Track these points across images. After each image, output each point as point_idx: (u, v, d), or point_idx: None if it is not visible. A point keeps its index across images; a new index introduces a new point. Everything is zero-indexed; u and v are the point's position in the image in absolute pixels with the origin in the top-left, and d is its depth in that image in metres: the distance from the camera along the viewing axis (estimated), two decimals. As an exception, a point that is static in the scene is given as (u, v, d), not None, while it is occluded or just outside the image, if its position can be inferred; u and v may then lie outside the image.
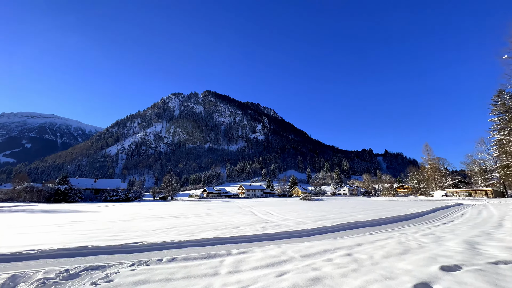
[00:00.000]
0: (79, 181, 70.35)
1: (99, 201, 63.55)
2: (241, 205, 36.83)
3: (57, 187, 58.22)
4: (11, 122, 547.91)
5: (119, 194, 65.34)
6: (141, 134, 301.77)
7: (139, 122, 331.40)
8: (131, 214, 22.38)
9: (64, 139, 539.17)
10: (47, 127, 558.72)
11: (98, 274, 5.15)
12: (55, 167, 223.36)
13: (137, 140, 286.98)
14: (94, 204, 48.93)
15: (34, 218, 19.06)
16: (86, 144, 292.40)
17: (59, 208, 33.40)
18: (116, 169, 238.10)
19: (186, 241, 8.95)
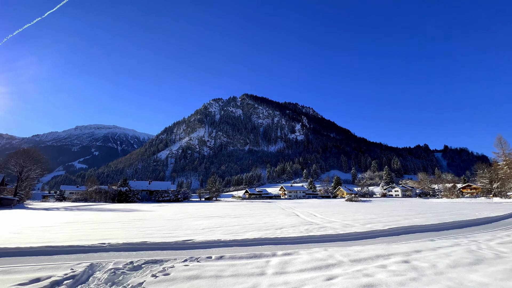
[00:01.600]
0: (136, 184, 79.01)
1: (153, 201, 70.31)
2: (283, 206, 36.63)
3: (119, 189, 66.35)
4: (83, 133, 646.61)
5: (169, 195, 71.25)
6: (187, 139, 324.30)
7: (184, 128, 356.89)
8: (181, 213, 24.17)
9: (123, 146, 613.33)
10: (110, 136, 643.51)
11: (157, 267, 5.69)
12: (117, 171, 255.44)
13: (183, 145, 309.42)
14: (149, 204, 54.29)
15: (103, 216, 22.03)
16: (140, 150, 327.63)
17: (121, 207, 37.99)
18: (166, 172, 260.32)
19: (232, 240, 9.28)
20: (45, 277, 4.86)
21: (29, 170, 50.42)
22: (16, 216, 22.18)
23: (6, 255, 7.27)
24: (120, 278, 5.01)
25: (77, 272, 5.18)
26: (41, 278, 4.81)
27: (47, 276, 4.95)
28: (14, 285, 4.46)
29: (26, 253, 7.45)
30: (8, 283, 4.54)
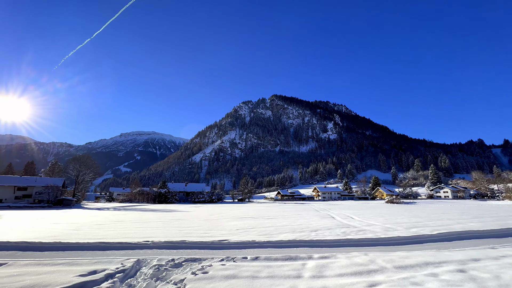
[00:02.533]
0: (174, 185, 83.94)
1: (189, 202, 73.89)
2: (317, 208, 35.61)
3: (159, 191, 71.13)
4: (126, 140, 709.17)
5: (204, 196, 74.22)
6: (219, 142, 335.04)
7: (216, 131, 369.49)
8: (215, 214, 24.98)
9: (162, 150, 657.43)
10: (149, 142, 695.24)
11: (196, 265, 5.96)
12: (156, 174, 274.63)
13: (215, 148, 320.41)
14: (186, 205, 57.18)
15: (146, 215, 23.80)
16: (177, 154, 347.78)
17: (161, 208, 40.65)
18: (201, 174, 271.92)
19: (266, 241, 9.30)
20: (100, 270, 5.41)
21: (84, 174, 56.85)
22: (75, 214, 25.18)
23: (68, 249, 8.28)
24: (164, 274, 5.35)
25: (126, 267, 5.67)
26: (97, 271, 5.37)
27: (102, 269, 5.51)
28: (76, 275, 5.05)
29: (84, 248, 8.39)
30: (71, 274, 5.15)
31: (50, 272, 5.30)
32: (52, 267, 5.75)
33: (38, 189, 46.83)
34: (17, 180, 48.75)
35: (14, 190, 46.45)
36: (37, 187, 47.11)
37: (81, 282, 4.69)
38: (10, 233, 11.29)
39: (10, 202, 44.36)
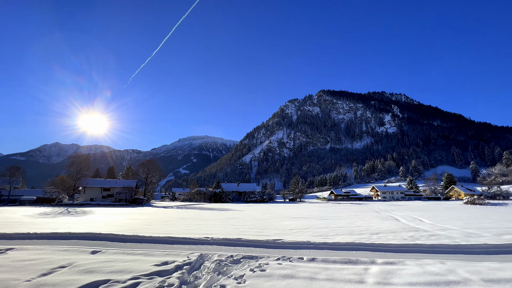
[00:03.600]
0: (227, 186, 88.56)
1: (242, 201, 76.82)
2: (376, 209, 32.73)
3: (214, 191, 76.04)
4: (184, 144, 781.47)
5: (256, 196, 76.14)
6: (267, 142, 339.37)
7: (264, 132, 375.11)
8: (268, 214, 25.36)
9: (214, 153, 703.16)
10: (203, 145, 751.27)
11: (253, 263, 6.17)
12: (211, 175, 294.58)
13: (264, 148, 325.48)
14: (238, 204, 59.62)
15: (204, 214, 25.72)
16: (228, 156, 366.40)
17: (217, 207, 43.33)
18: (251, 174, 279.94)
19: (322, 243, 8.99)
20: (170, 262, 6.10)
21: (151, 176, 64.82)
22: (146, 211, 28.95)
23: (144, 241, 9.57)
24: (224, 269, 5.70)
25: (192, 260, 6.25)
26: (168, 262, 6.06)
27: (172, 260, 6.20)
28: (152, 265, 5.81)
29: (156, 241, 9.58)
30: (148, 263, 5.95)
31: (132, 261, 6.22)
32: (133, 256, 6.74)
33: (118, 189, 55.43)
34: (103, 183, 58.65)
35: (101, 191, 56.03)
36: (117, 188, 55.80)
37: (156, 270, 5.37)
38: (101, 226, 13.67)
39: (99, 201, 53.61)
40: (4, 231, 11.39)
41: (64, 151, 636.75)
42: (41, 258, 6.47)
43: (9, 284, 4.60)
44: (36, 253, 7.09)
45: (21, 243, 9.09)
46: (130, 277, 4.91)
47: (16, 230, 11.62)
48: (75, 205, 45.72)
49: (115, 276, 4.96)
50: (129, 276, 4.99)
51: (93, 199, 54.70)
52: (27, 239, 10.00)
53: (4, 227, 13.30)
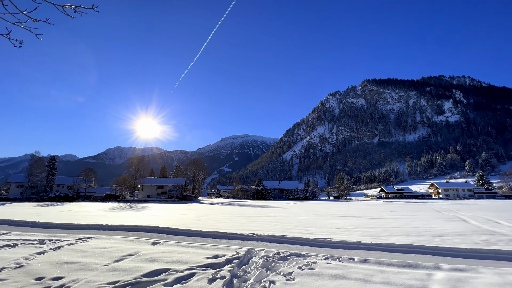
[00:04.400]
0: (268, 183, 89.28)
1: (284, 199, 76.59)
2: (437, 208, 29.19)
3: (257, 188, 77.46)
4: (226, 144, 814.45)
5: (298, 193, 75.07)
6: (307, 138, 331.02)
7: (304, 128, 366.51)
8: (312, 211, 24.78)
9: (255, 151, 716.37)
10: (244, 144, 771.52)
11: (301, 261, 6.11)
12: (252, 173, 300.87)
13: (305, 145, 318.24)
14: (281, 201, 59.59)
15: (248, 210, 26.40)
16: (268, 153, 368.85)
17: (260, 204, 44.02)
18: (293, 171, 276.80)
19: (374, 243, 8.42)
20: (221, 255, 6.44)
21: (198, 175, 69.21)
22: (195, 207, 31.06)
23: (195, 235, 10.29)
24: (272, 265, 5.77)
25: (240, 255, 6.49)
26: (219, 256, 6.41)
27: (222, 254, 6.54)
28: (204, 257, 6.22)
29: (206, 235, 10.21)
30: (201, 256, 6.38)
31: (187, 252, 6.75)
32: (187, 248, 7.31)
33: (169, 187, 60.67)
34: (157, 181, 64.84)
35: (156, 188, 62.06)
36: (169, 186, 61.11)
37: (209, 263, 5.74)
38: (158, 220, 15.17)
39: (154, 197, 59.50)
40: (85, 222, 13.57)
41: (124, 154, 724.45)
42: (113, 246, 7.49)
43: (92, 266, 5.45)
44: (109, 242, 8.25)
45: (97, 233, 10.70)
46: (186, 268, 5.34)
47: (93, 222, 13.71)
48: (135, 201, 51.63)
49: (174, 266, 5.46)
50: (185, 266, 5.44)
51: (149, 195, 60.97)
52: (101, 230, 11.71)
53: (84, 219, 15.83)
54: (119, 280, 4.64)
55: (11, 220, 14.58)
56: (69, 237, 9.07)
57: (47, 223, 13.59)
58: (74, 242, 8.20)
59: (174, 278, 4.77)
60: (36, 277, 4.81)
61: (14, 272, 5.10)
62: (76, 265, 5.57)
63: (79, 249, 7.20)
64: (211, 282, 4.60)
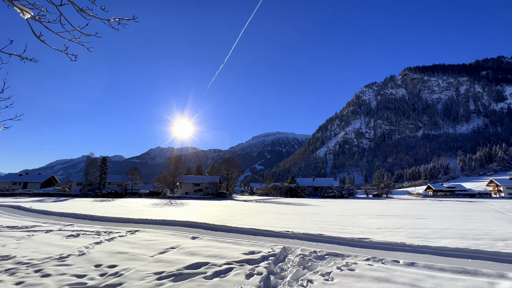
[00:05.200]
0: (302, 180, 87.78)
1: (318, 196, 74.62)
2: (499, 208, 25.71)
3: (290, 185, 76.77)
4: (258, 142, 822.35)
5: (333, 191, 72.49)
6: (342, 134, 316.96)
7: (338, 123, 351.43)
8: (349, 210, 23.73)
9: (287, 148, 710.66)
10: (275, 141, 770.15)
11: (339, 261, 5.89)
12: (284, 170, 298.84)
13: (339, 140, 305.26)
14: (315, 199, 58.17)
15: (281, 208, 26.31)
16: (301, 150, 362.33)
17: (293, 201, 43.55)
18: (327, 168, 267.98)
19: (422, 246, 7.73)
20: (257, 252, 6.53)
21: (231, 172, 71.11)
22: (229, 204, 31.98)
23: (231, 231, 10.59)
24: (309, 264, 5.67)
25: (276, 252, 6.50)
26: (255, 252, 6.50)
27: (258, 251, 6.63)
28: (240, 253, 6.37)
29: (241, 232, 10.44)
30: (237, 251, 6.55)
31: (224, 248, 6.99)
32: (224, 244, 7.57)
33: (205, 185, 63.42)
34: (193, 179, 68.24)
35: (193, 186, 65.40)
36: (204, 184, 63.90)
37: (245, 258, 5.86)
38: (195, 216, 15.97)
39: (192, 194, 62.76)
40: (133, 216, 14.92)
41: (164, 153, 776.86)
42: (158, 239, 8.10)
43: (140, 257, 5.97)
44: (154, 235, 8.94)
45: (143, 226, 11.67)
46: (224, 262, 5.53)
47: (140, 216, 15.00)
48: (175, 198, 55.09)
49: (212, 260, 5.69)
50: (223, 261, 5.63)
51: (187, 192, 64.51)
52: (146, 224, 12.75)
53: (132, 213, 17.41)
54: (164, 270, 4.99)
55: (74, 214, 16.69)
56: (120, 230, 10.06)
57: (101, 216, 15.26)
58: (124, 234, 9.06)
59: (213, 271, 4.97)
60: (95, 264, 5.42)
61: (78, 259, 5.82)
62: (127, 255, 6.15)
63: (129, 240, 7.93)
64: (249, 278, 4.69)
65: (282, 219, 15.21)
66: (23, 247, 7.00)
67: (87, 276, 4.74)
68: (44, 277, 4.68)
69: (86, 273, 4.90)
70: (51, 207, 21.58)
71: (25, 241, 7.91)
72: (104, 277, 4.68)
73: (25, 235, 8.91)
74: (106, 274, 4.85)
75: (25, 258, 5.87)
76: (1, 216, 15.67)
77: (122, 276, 4.71)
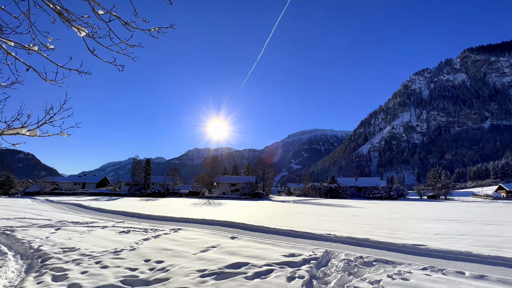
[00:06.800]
0: (343, 180, 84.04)
1: (362, 198, 70.57)
2: None
3: (330, 186, 74.13)
4: (294, 140, 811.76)
5: (380, 191, 67.81)
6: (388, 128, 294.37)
7: (383, 117, 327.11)
8: (399, 213, 22.02)
9: (325, 146, 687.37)
10: (313, 139, 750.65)
11: (390, 268, 5.51)
12: (323, 170, 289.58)
13: (385, 136, 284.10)
14: (359, 200, 55.14)
15: (322, 209, 25.56)
16: (341, 148, 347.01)
17: (334, 202, 41.95)
18: (371, 167, 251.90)
19: (493, 256, 6.79)
20: (297, 254, 6.47)
21: (267, 172, 71.53)
22: (266, 205, 32.21)
23: (269, 232, 10.67)
24: (355, 270, 5.42)
25: (318, 256, 6.36)
26: (295, 254, 6.45)
27: (298, 253, 6.56)
28: (280, 255, 6.39)
29: (280, 233, 10.44)
30: (277, 253, 6.58)
31: (263, 249, 7.08)
32: (263, 245, 7.67)
33: (242, 185, 64.92)
34: (230, 179, 70.40)
35: (229, 186, 67.51)
36: (241, 184, 65.45)
37: (286, 261, 5.86)
38: (233, 216, 16.47)
39: (229, 194, 64.83)
40: (175, 215, 16.07)
41: (201, 154, 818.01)
42: (199, 238, 8.58)
43: (184, 254, 6.40)
44: (195, 234, 9.49)
45: (185, 225, 12.48)
46: (264, 263, 5.61)
47: (181, 215, 16.06)
48: (213, 198, 57.52)
49: (252, 261, 5.82)
50: (263, 262, 5.71)
51: (224, 192, 66.84)
52: (188, 223, 13.60)
53: (174, 212, 18.74)
54: (206, 268, 5.27)
55: (124, 212, 18.62)
56: (164, 228, 10.92)
57: (148, 214, 16.74)
58: (169, 232, 9.80)
59: (253, 272, 5.08)
60: (145, 259, 5.98)
61: (130, 254, 6.49)
62: (171, 252, 6.65)
63: (173, 238, 8.55)
64: (290, 281, 4.67)
65: (323, 221, 14.79)
66: (85, 241, 8.06)
67: (138, 269, 5.26)
68: (103, 268, 5.34)
69: (137, 266, 5.43)
70: (105, 206, 24.40)
71: (86, 235, 9.09)
72: (153, 272, 5.14)
73: (86, 230, 10.24)
74: (155, 268, 5.31)
75: (87, 250, 6.75)
76: (67, 213, 18.26)
77: (169, 272, 5.11)
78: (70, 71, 3.85)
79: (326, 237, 9.48)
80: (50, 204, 28.60)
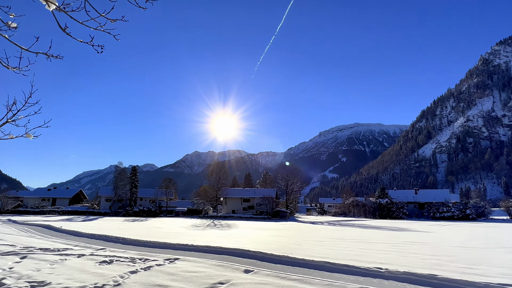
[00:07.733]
0: (397, 193, 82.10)
1: (425, 218, 68.52)
2: None
3: (379, 201, 72.69)
4: (327, 139, 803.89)
5: (450, 209, 65.58)
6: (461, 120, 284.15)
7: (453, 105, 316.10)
8: (479, 239, 21.31)
9: (371, 146, 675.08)
10: (353, 137, 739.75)
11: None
12: (370, 179, 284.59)
13: (456, 131, 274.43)
14: (420, 221, 53.58)
15: (368, 234, 25.15)
16: (393, 149, 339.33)
17: (386, 224, 41.11)
18: (437, 175, 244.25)
19: None
20: (335, 295, 6.41)
21: (292, 184, 71.43)
22: (291, 227, 32.13)
23: (296, 264, 10.66)
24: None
25: (363, 297, 6.26)
26: (332, 295, 6.39)
27: (336, 293, 6.50)
28: (312, 295, 6.35)
29: (310, 266, 10.39)
30: (307, 293, 6.55)
31: (288, 286, 7.08)
32: (288, 281, 7.68)
33: (257, 200, 65.27)
34: (242, 192, 71.01)
35: (241, 202, 68.09)
36: (256, 199, 65.81)
37: (319, 304, 5.82)
38: (247, 242, 16.60)
39: (240, 213, 65.38)
40: (170, 241, 16.46)
41: (203, 160, 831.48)
42: (202, 271, 8.73)
43: (182, 293, 6.54)
44: (197, 265, 9.67)
45: (183, 253, 12.75)
46: (289, 307, 5.61)
47: (178, 241, 16.42)
48: (219, 217, 58.19)
49: (273, 303, 5.83)
50: (288, 305, 5.71)
51: (234, 211, 67.45)
52: (187, 250, 13.88)
53: (169, 237, 19.18)
54: (212, 312, 5.35)
55: (105, 236, 19.30)
56: (157, 257, 11.21)
57: (135, 240, 17.24)
58: (162, 263, 10.06)
59: (275, 318, 5.09)
60: (132, 298, 6.17)
61: (113, 290, 6.73)
62: (167, 289, 6.81)
63: (168, 271, 8.76)
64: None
65: (370, 250, 14.56)
66: (57, 273, 8.45)
67: (125, 311, 5.43)
68: (80, 309, 5.56)
69: (123, 308, 5.61)
70: (81, 228, 25.42)
71: (58, 266, 9.53)
72: (143, 315, 5.29)
73: (58, 259, 10.72)
74: (145, 311, 5.46)
75: (60, 285, 7.08)
76: (34, 237, 19.21)
77: (164, 315, 5.24)
78: (37, 55, 3.98)
79: (375, 272, 9.33)
80: (13, 225, 30.28)
